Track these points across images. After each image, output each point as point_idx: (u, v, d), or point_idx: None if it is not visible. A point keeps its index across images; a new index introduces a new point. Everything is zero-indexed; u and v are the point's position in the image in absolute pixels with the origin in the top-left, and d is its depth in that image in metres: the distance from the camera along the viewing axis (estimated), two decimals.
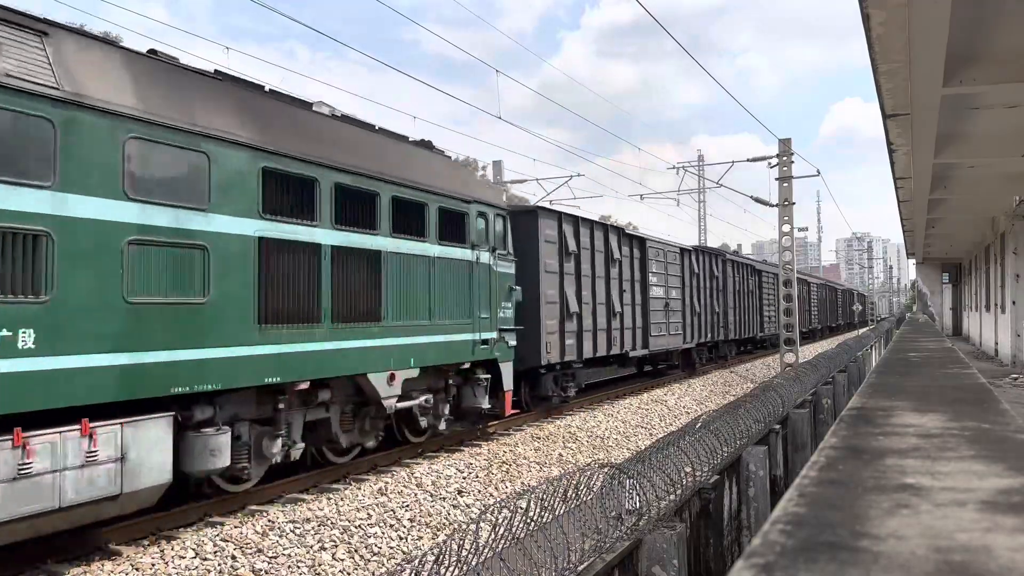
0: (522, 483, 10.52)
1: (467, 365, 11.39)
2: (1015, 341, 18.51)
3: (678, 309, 20.88)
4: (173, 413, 6.91)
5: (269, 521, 7.59)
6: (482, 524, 4.15)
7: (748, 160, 26.24)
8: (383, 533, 8.05)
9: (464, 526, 4.09)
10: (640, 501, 5.16)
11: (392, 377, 9.55)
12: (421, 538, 8.23)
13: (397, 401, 9.78)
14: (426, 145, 11.50)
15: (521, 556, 4.04)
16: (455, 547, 3.88)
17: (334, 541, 7.56)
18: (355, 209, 9.09)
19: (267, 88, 8.92)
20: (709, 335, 23.86)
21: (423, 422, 10.65)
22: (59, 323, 5.95)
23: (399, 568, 3.96)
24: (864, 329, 46.23)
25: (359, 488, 8.95)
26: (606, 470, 5.24)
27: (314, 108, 9.73)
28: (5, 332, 5.59)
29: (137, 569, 6.32)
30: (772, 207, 26.19)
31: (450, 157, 12.58)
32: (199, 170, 7.21)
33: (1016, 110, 10.01)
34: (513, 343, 12.39)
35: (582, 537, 4.50)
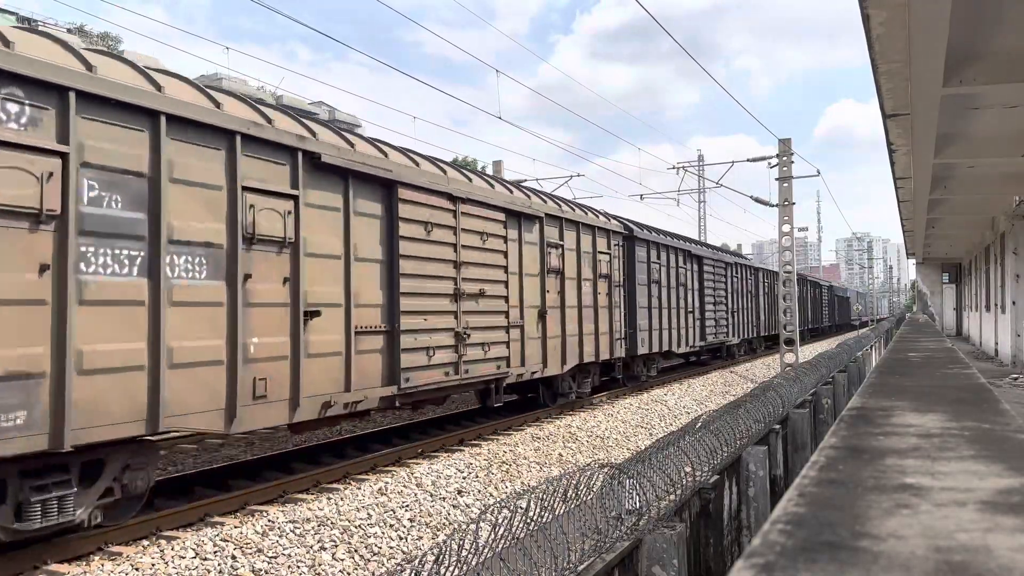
0: (522, 483, 10.52)
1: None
2: (1015, 341, 18.51)
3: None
4: None
5: (269, 521, 7.59)
6: (482, 524, 4.15)
7: (748, 160, 26.26)
8: (383, 533, 8.05)
9: (464, 526, 4.09)
10: (640, 501, 5.16)
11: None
12: (421, 538, 8.23)
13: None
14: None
15: (521, 556, 4.04)
16: (455, 547, 3.88)
17: (334, 541, 7.56)
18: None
19: None
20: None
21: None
22: None
23: (399, 568, 3.96)
24: (864, 329, 46.52)
25: (359, 488, 8.95)
26: (606, 470, 5.24)
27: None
28: None
29: (137, 569, 6.32)
30: (772, 207, 26.20)
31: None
32: None
33: (1016, 110, 10.01)
34: None
35: (582, 537, 4.50)
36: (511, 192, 13.30)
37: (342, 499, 8.49)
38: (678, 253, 21.61)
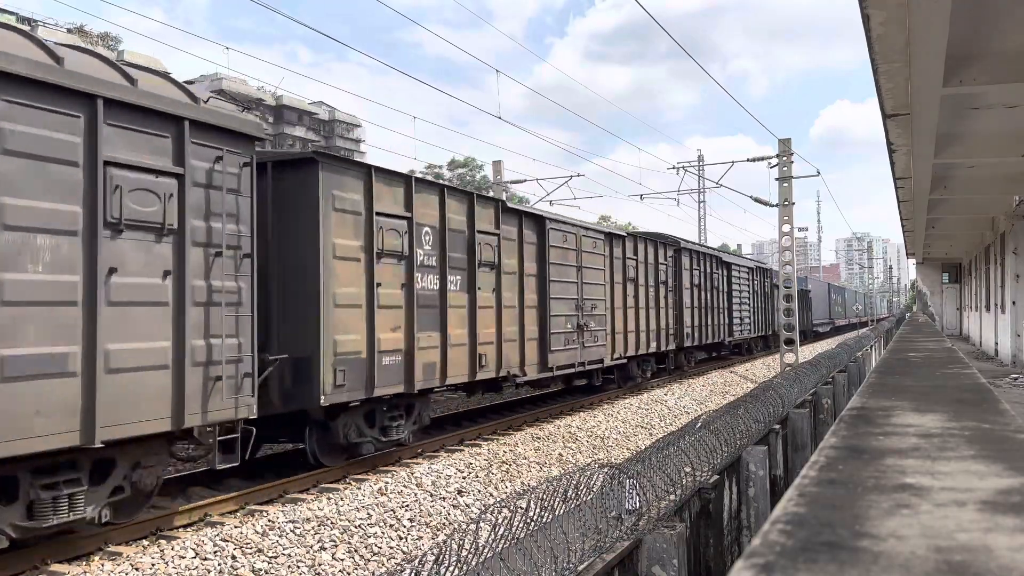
0: (522, 483, 10.52)
1: None
2: (1015, 341, 18.51)
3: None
4: None
5: (269, 521, 7.59)
6: (482, 524, 4.15)
7: (748, 160, 26.26)
8: (383, 533, 8.05)
9: (464, 526, 4.09)
10: (640, 501, 5.16)
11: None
12: (421, 538, 8.23)
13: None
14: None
15: (521, 556, 4.04)
16: (455, 547, 3.88)
17: (334, 541, 7.56)
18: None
19: None
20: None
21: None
22: None
23: (399, 568, 3.96)
24: (864, 330, 43.06)
25: (359, 488, 8.95)
26: (606, 470, 5.24)
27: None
28: None
29: (137, 569, 6.32)
30: (772, 207, 26.21)
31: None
32: None
33: (1016, 110, 10.00)
34: None
35: (582, 537, 4.50)
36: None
37: (342, 499, 8.49)
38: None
